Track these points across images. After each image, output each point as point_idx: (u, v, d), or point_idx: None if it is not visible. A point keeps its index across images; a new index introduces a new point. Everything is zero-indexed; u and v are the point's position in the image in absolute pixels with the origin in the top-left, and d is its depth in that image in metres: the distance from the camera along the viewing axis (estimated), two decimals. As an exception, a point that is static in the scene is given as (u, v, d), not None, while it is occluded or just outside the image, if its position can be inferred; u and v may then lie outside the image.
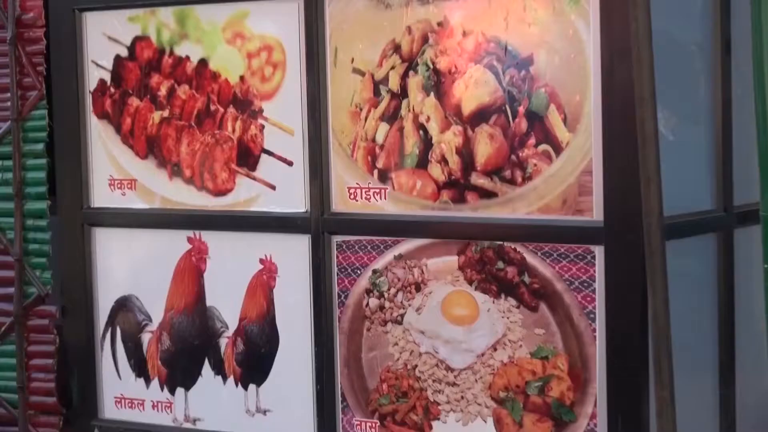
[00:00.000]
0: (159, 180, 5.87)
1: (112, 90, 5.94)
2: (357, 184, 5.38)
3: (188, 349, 5.87)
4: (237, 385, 5.76)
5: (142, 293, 5.98)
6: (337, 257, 5.45)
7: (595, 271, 4.93)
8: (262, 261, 5.65)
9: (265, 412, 5.71)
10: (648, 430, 4.81)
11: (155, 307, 5.93)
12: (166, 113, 5.81)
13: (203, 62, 5.72)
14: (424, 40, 5.18)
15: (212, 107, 5.70)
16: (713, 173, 5.27)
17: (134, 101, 5.88)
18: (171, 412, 5.92)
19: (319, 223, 5.44)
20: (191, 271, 5.83)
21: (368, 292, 5.38)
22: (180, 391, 5.90)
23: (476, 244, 5.14)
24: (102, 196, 6.01)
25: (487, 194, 5.12)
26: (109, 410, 6.07)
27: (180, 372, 5.90)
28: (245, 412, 5.74)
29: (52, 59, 6.00)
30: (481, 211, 5.13)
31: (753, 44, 3.73)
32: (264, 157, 5.60)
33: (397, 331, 5.33)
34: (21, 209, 6.07)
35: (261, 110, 5.59)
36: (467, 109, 5.12)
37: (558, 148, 4.96)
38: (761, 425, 4.84)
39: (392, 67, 5.25)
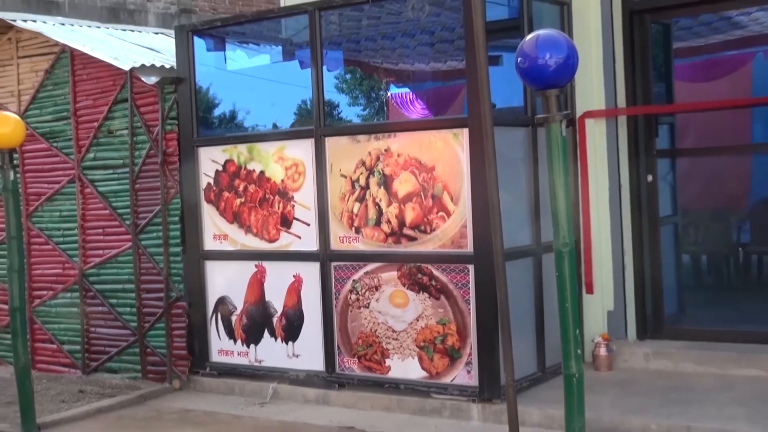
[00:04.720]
0: (239, 235, 5.86)
1: (214, 188, 5.96)
2: (344, 235, 5.42)
3: (256, 324, 5.84)
4: (282, 342, 5.74)
5: (231, 295, 5.95)
6: (334, 274, 5.46)
7: (469, 278, 4.98)
8: (294, 276, 5.65)
9: (297, 356, 5.68)
10: (499, 360, 4.85)
11: (238, 302, 5.91)
12: (242, 200, 5.83)
13: (262, 173, 5.75)
14: (378, 158, 5.26)
15: (267, 196, 5.73)
16: (530, 225, 5.32)
17: (226, 194, 5.90)
18: (247, 356, 5.89)
19: (324, 256, 5.47)
20: (258, 283, 5.82)
21: (350, 291, 5.40)
22: (252, 346, 5.87)
23: (407, 265, 5.18)
24: (209, 243, 6.01)
25: (412, 239, 5.17)
26: (215, 357, 6.04)
27: (252, 336, 5.87)
28: (287, 356, 5.72)
29: (182, 172, 6.03)
30: (409, 248, 5.18)
31: (547, 159, 3.72)
32: (295, 222, 5.62)
33: (366, 312, 5.35)
34: (167, 251, 6.04)
35: (293, 197, 5.62)
36: (401, 194, 5.19)
37: (448, 214, 5.03)
38: (558, 357, 4.80)
39: (361, 173, 5.32)
